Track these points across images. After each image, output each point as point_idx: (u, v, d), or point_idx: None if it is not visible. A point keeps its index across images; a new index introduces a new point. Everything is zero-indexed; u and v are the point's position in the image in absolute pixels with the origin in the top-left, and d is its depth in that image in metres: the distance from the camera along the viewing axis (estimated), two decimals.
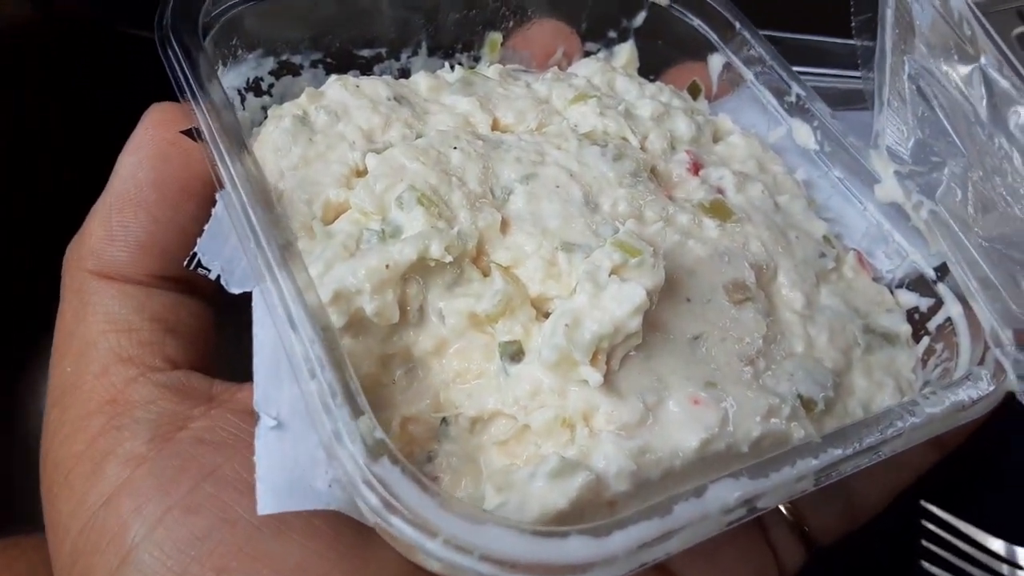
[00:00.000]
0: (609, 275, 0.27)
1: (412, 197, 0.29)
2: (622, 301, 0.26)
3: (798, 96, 0.37)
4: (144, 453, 0.25)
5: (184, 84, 0.27)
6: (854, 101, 0.42)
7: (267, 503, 0.22)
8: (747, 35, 0.38)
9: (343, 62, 0.36)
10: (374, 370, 0.28)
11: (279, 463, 0.23)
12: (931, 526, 0.39)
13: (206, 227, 0.26)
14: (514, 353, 0.28)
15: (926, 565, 0.38)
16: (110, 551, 0.24)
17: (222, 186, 0.26)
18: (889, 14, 0.38)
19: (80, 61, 0.60)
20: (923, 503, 0.39)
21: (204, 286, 0.31)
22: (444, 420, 0.28)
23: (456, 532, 0.20)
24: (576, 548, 0.20)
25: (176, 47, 0.28)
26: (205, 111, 0.27)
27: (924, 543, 0.39)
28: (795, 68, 0.41)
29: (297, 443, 0.23)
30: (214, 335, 0.31)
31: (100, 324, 0.28)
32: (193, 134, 0.28)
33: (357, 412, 0.22)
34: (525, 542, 0.20)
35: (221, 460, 0.25)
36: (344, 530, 0.25)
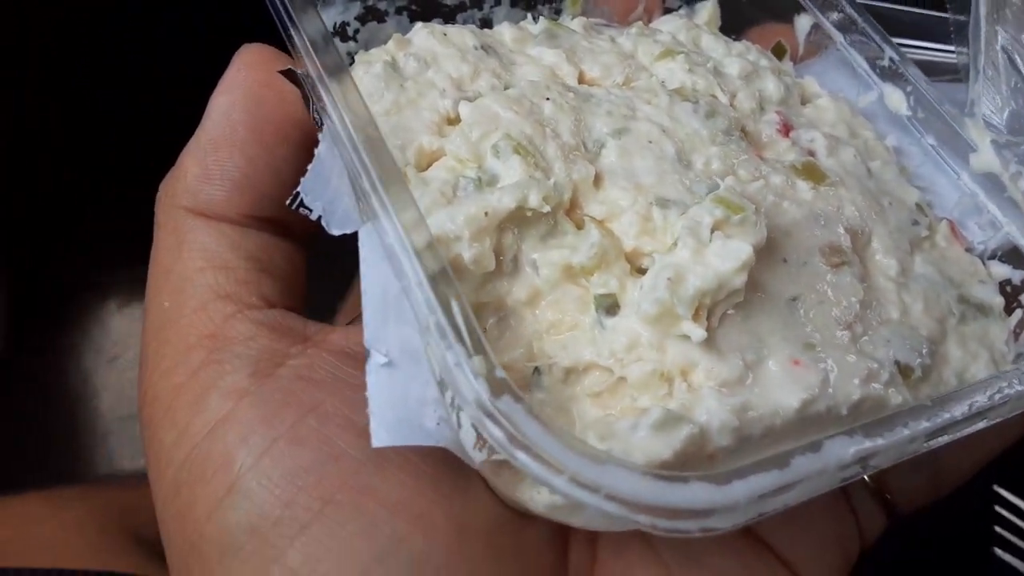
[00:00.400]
0: (711, 231, 0.27)
1: (508, 146, 0.28)
2: (727, 257, 0.26)
3: (891, 60, 0.36)
4: (246, 387, 0.25)
5: (286, 19, 0.27)
6: (944, 74, 0.41)
7: (380, 437, 0.22)
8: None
9: (427, 10, 0.35)
10: None
11: (390, 400, 0.23)
12: (1005, 512, 0.38)
13: (309, 167, 0.26)
14: (609, 306, 0.27)
15: (999, 552, 0.38)
16: (216, 479, 0.24)
17: (329, 119, 0.26)
18: None
19: None
20: (996, 488, 0.39)
21: (296, 229, 0.30)
22: (537, 369, 0.28)
23: (581, 470, 0.19)
24: (697, 493, 0.20)
25: None
26: (309, 47, 0.26)
27: (997, 529, 0.38)
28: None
29: (407, 381, 0.23)
30: (305, 279, 0.31)
31: (197, 261, 0.28)
32: (293, 75, 0.28)
33: (478, 349, 0.22)
34: (648, 484, 0.20)
35: (322, 396, 0.26)
36: (443, 470, 0.25)
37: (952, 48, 0.40)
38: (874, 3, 0.46)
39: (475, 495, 0.25)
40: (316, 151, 0.26)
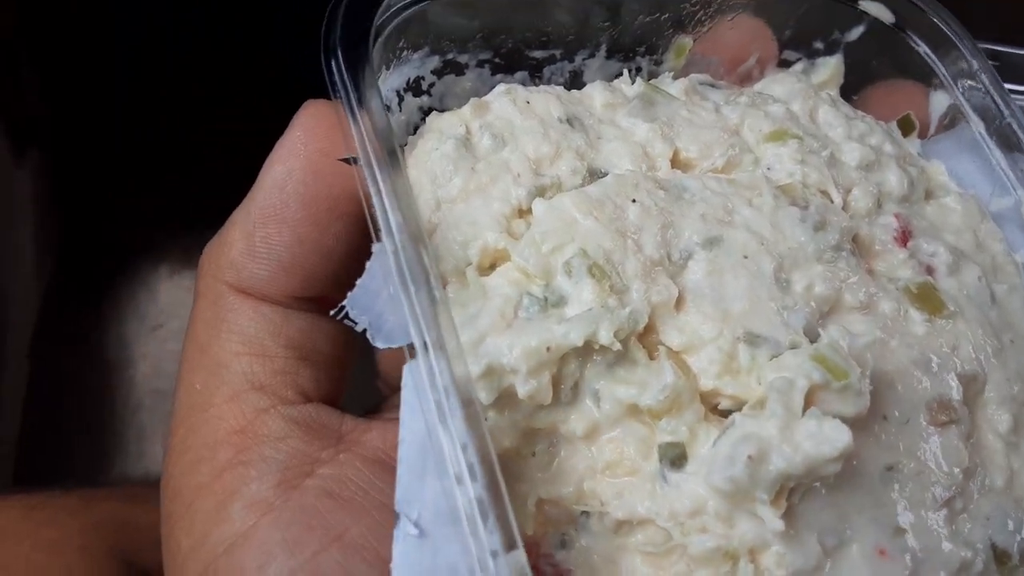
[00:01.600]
0: (806, 396, 0.23)
1: (583, 265, 0.25)
2: (822, 443, 0.22)
3: None
4: (271, 500, 0.24)
5: (347, 115, 0.24)
6: None
7: None
8: (984, 78, 0.32)
9: (512, 62, 0.31)
10: (515, 444, 0.25)
11: (416, 572, 0.21)
12: None
13: (359, 281, 0.23)
14: (675, 457, 0.24)
15: None
16: None
17: (379, 238, 0.23)
18: None
19: None
20: None
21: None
22: (585, 512, 0.25)
23: None
24: None
25: (342, 63, 0.25)
26: (370, 153, 0.24)
27: None
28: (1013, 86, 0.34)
29: (437, 552, 0.21)
30: (347, 361, 0.29)
31: (234, 345, 0.26)
32: (353, 162, 0.25)
33: (511, 544, 0.20)
34: None
35: (349, 522, 0.24)
36: None
37: None
38: (1009, 49, 0.40)
39: None
40: (368, 264, 0.24)
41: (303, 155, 0.26)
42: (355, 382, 0.31)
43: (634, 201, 0.27)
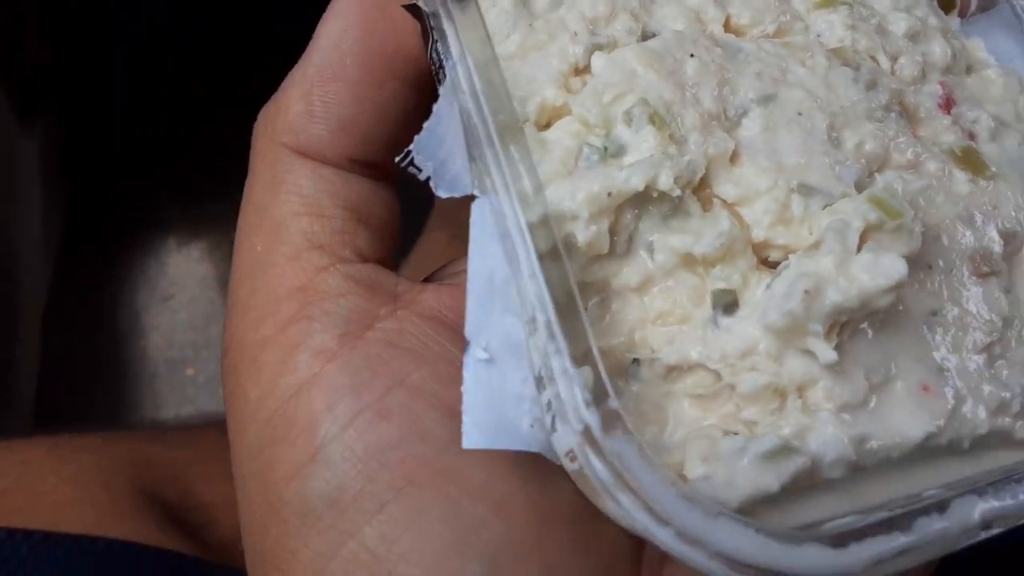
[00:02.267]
0: (860, 236, 0.24)
1: (644, 114, 0.26)
2: (877, 273, 0.23)
3: None
4: (335, 349, 0.25)
5: None
6: None
7: (472, 438, 0.22)
8: None
9: None
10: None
11: (486, 398, 0.22)
12: None
13: (426, 123, 0.24)
14: (728, 304, 0.25)
15: None
16: (299, 444, 0.24)
17: (443, 75, 0.24)
18: None
19: None
20: None
21: (395, 174, 0.29)
22: (636, 360, 0.26)
23: (689, 524, 0.18)
24: (813, 556, 0.19)
25: None
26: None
27: None
28: None
29: (506, 378, 0.22)
30: (398, 228, 0.30)
31: (294, 205, 0.27)
32: (415, 9, 0.25)
33: (585, 358, 0.21)
34: (760, 545, 0.19)
35: (411, 368, 0.25)
36: (524, 458, 0.24)
37: None
38: None
39: (558, 485, 0.25)
40: (435, 106, 0.24)
41: (356, 10, 0.27)
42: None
43: (692, 56, 0.27)
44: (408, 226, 0.30)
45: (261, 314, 0.26)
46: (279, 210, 0.27)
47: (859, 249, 0.24)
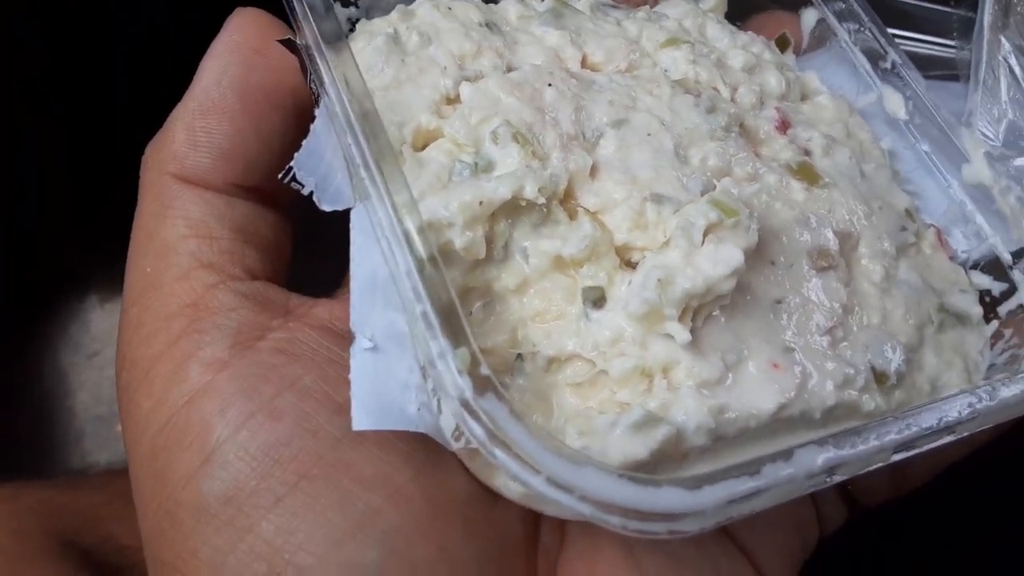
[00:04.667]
0: (704, 233, 0.27)
1: (508, 133, 0.28)
2: (717, 262, 0.26)
3: (893, 63, 0.36)
4: (226, 359, 0.26)
5: None
6: (944, 69, 0.41)
7: (361, 420, 0.23)
8: None
9: None
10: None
11: (372, 383, 0.23)
12: None
13: (304, 141, 0.26)
14: (596, 299, 0.28)
15: None
16: (194, 448, 0.24)
17: (325, 94, 0.26)
18: None
19: None
20: None
21: (284, 199, 0.30)
22: (520, 356, 0.28)
23: (558, 471, 0.20)
24: (669, 498, 0.21)
25: None
26: (308, 13, 0.26)
27: None
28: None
29: (391, 366, 0.24)
30: (290, 251, 0.31)
31: (181, 228, 0.28)
32: (291, 44, 0.28)
33: (462, 341, 0.22)
34: (622, 487, 0.20)
35: (301, 371, 0.26)
36: (418, 447, 0.25)
37: (954, 43, 0.40)
38: None
39: (449, 471, 0.26)
40: (312, 126, 0.26)
41: (235, 50, 0.28)
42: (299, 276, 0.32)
43: (550, 85, 0.30)
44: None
45: (152, 331, 0.26)
46: (167, 234, 0.28)
47: (703, 244, 0.27)
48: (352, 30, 0.33)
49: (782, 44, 0.39)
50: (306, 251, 0.32)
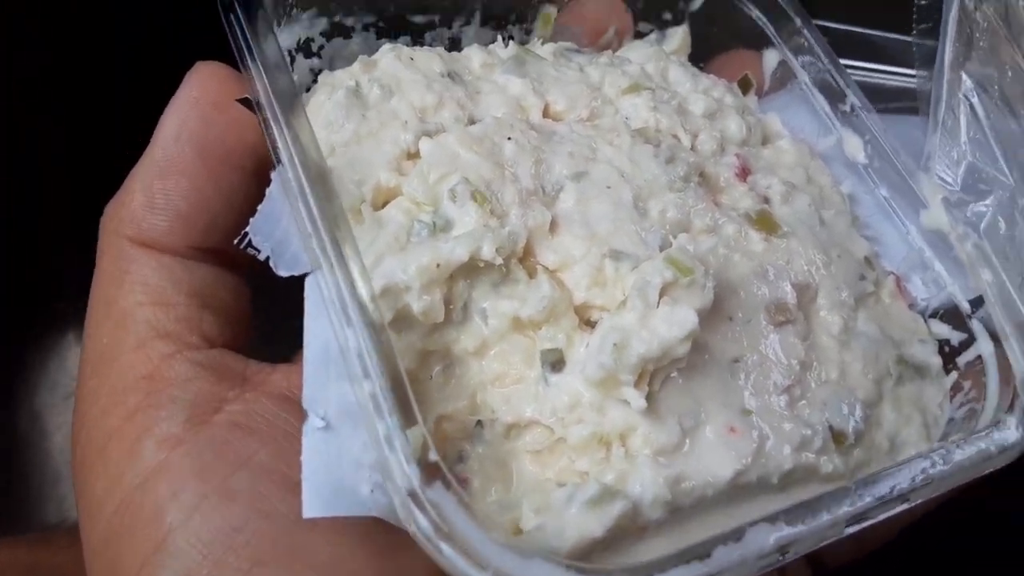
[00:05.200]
0: (660, 292, 0.27)
1: (466, 191, 0.28)
2: (672, 325, 0.26)
3: (852, 106, 0.36)
4: (180, 435, 0.25)
5: (241, 43, 0.26)
6: (904, 99, 0.41)
7: (313, 506, 0.22)
8: (807, 34, 0.37)
9: (394, 27, 0.34)
10: (413, 366, 0.27)
11: (324, 465, 0.23)
12: None
13: (260, 207, 0.25)
14: (555, 361, 0.28)
15: None
16: (145, 535, 0.24)
17: (279, 163, 0.25)
18: (951, 26, 0.37)
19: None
20: None
21: (242, 261, 0.30)
22: (479, 422, 0.28)
23: (505, 566, 0.20)
24: None
25: (239, 11, 0.27)
26: (263, 75, 0.26)
27: None
28: (847, 61, 0.40)
29: (343, 445, 0.23)
30: (250, 313, 0.30)
31: (138, 295, 0.27)
32: (250, 104, 0.27)
33: (410, 421, 0.22)
34: None
35: (257, 447, 0.25)
36: (375, 529, 0.25)
37: (914, 74, 0.41)
38: (839, 26, 0.46)
39: (407, 553, 0.25)
40: (268, 189, 0.26)
41: (196, 108, 0.28)
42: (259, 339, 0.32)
43: (509, 139, 0.30)
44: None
45: (108, 404, 0.26)
46: (124, 301, 0.27)
47: (659, 304, 0.27)
48: (315, 81, 0.33)
49: (744, 86, 0.39)
50: (268, 309, 0.31)
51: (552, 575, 0.20)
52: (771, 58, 0.38)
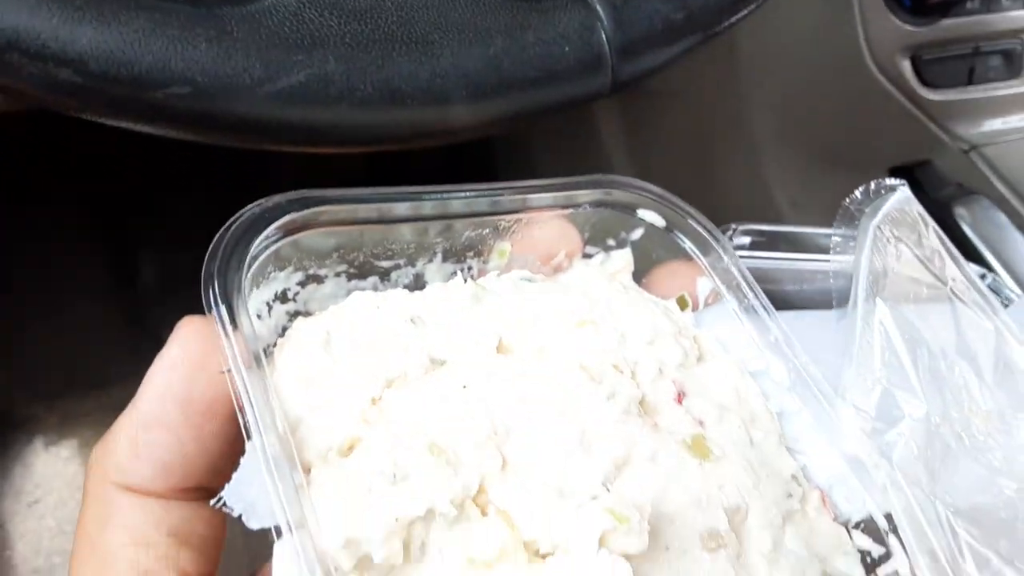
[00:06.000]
0: (600, 538, 0.30)
1: (423, 445, 0.31)
2: (609, 573, 0.29)
3: (776, 337, 0.40)
4: None
5: (221, 332, 0.30)
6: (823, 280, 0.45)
7: None
8: (735, 270, 0.42)
9: (364, 271, 0.38)
10: None
11: None
12: None
13: (234, 475, 0.29)
14: None
15: None
16: None
17: (249, 439, 0.29)
18: (864, 263, 0.42)
19: None
20: None
21: (217, 491, 0.33)
22: None
23: None
24: None
25: (218, 290, 0.31)
26: (231, 341, 0.30)
27: None
28: (775, 254, 0.45)
29: None
30: (221, 540, 0.33)
31: (121, 537, 0.31)
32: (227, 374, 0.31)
33: None
34: None
35: None
36: None
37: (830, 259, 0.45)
38: (767, 227, 0.51)
39: None
40: (242, 460, 0.29)
41: (180, 368, 0.32)
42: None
43: (465, 387, 0.34)
44: None
45: None
46: (109, 542, 0.30)
47: (601, 547, 0.30)
48: (291, 322, 0.36)
49: (681, 304, 0.44)
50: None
51: None
52: (704, 284, 0.43)
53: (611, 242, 0.45)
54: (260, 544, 0.29)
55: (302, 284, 0.37)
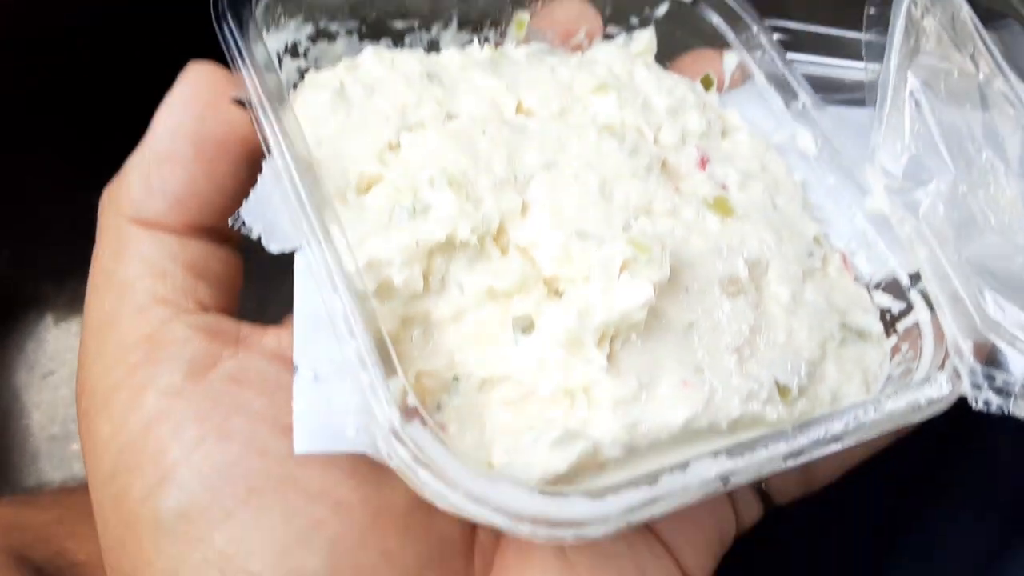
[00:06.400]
0: (620, 268, 0.30)
1: (443, 179, 0.31)
2: (631, 295, 0.29)
3: (804, 104, 0.39)
4: (180, 387, 0.28)
5: (233, 48, 0.30)
6: (857, 91, 0.44)
7: (303, 444, 0.25)
8: (763, 39, 0.40)
9: (376, 31, 0.37)
10: (394, 329, 0.30)
11: (314, 410, 0.26)
12: None
13: (252, 190, 0.29)
14: (525, 327, 0.31)
15: None
16: (151, 469, 0.27)
17: (269, 153, 0.29)
18: (898, 33, 0.41)
19: None
20: None
21: (234, 235, 0.33)
22: (455, 378, 0.31)
23: (474, 487, 0.23)
24: (575, 506, 0.24)
25: (231, 21, 0.30)
26: (253, 75, 0.29)
27: None
28: (804, 56, 0.43)
29: (330, 394, 0.26)
30: (241, 281, 0.33)
31: (137, 268, 0.30)
32: (242, 102, 0.30)
33: (391, 372, 0.25)
34: (532, 499, 0.23)
35: (251, 397, 0.28)
36: (360, 463, 0.28)
37: (863, 67, 0.44)
38: (793, 25, 0.49)
39: (390, 484, 0.28)
40: (259, 176, 0.29)
41: (191, 106, 0.31)
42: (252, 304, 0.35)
43: (484, 133, 0.33)
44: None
45: (111, 362, 0.29)
46: (124, 273, 0.30)
47: (620, 277, 0.30)
48: (302, 78, 0.36)
49: (706, 83, 0.43)
50: (259, 278, 0.35)
51: (517, 493, 0.23)
52: (730, 59, 0.42)
53: (634, 20, 0.43)
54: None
55: (312, 39, 0.36)
